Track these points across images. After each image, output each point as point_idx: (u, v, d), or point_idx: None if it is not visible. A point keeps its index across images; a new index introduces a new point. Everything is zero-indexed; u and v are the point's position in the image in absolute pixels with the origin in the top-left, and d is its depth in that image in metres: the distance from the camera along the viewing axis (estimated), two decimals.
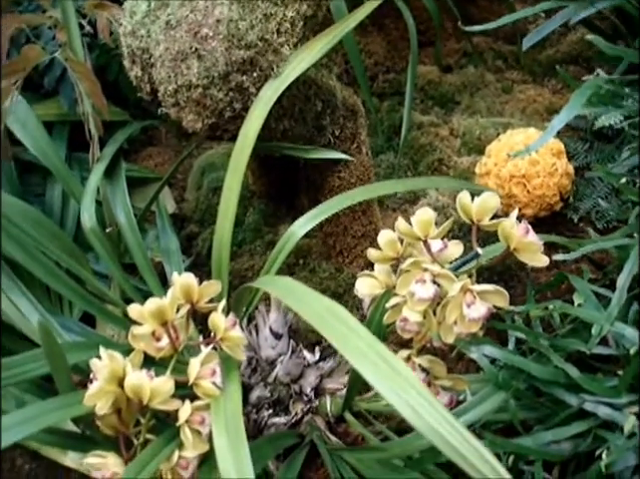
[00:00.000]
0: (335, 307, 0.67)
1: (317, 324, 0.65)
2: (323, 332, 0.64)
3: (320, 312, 0.67)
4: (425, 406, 0.58)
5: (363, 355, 0.62)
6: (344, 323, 0.65)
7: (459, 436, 0.57)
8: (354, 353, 0.62)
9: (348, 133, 1.14)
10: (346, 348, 0.62)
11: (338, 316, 0.66)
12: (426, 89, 1.64)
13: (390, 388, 0.59)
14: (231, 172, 0.93)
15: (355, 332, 0.64)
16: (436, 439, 0.57)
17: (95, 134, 1.11)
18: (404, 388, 0.59)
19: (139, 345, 0.80)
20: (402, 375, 0.60)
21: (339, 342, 0.63)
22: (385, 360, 0.61)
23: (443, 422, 0.58)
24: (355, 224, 1.23)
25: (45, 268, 0.96)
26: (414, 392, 0.59)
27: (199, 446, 0.77)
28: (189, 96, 0.93)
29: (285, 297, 0.72)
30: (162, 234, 1.23)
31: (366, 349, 0.62)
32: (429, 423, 0.58)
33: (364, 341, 0.63)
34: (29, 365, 0.85)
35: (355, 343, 0.63)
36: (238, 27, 0.90)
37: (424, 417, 0.58)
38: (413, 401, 0.59)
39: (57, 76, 1.23)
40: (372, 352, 0.62)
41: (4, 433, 0.75)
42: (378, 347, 0.62)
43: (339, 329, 0.64)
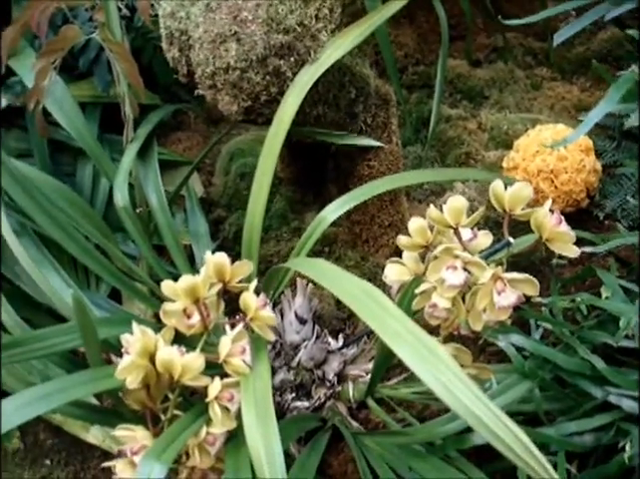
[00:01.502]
0: (371, 289, 0.68)
1: (353, 306, 0.66)
2: (359, 314, 0.65)
3: (356, 294, 0.68)
4: (461, 388, 0.59)
5: (400, 337, 0.62)
6: (380, 305, 0.66)
7: (494, 417, 0.58)
8: (391, 335, 0.63)
9: (379, 121, 1.15)
10: (383, 330, 0.63)
11: (374, 298, 0.67)
12: (455, 82, 1.64)
13: (426, 370, 0.60)
14: (265, 155, 0.94)
15: (391, 314, 0.65)
16: (471, 420, 0.58)
17: (130, 115, 1.12)
18: (440, 370, 0.60)
19: (170, 322, 0.82)
20: (438, 357, 0.61)
21: (376, 324, 0.64)
22: (422, 342, 0.62)
23: (478, 403, 0.58)
24: (382, 213, 1.24)
25: (78, 245, 0.98)
26: (450, 374, 0.60)
27: (227, 423, 0.78)
28: (227, 78, 0.93)
29: (320, 279, 0.73)
30: (192, 217, 1.25)
31: (403, 331, 0.63)
32: (465, 404, 0.58)
33: (401, 323, 0.64)
34: (60, 338, 0.87)
35: (392, 325, 0.63)
36: (278, 11, 0.90)
37: (460, 398, 0.59)
38: (449, 383, 0.59)
39: (92, 57, 1.24)
40: (409, 334, 0.63)
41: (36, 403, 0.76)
42: (414, 329, 0.63)
43: (375, 311, 0.65)
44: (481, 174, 1.20)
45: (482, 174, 1.19)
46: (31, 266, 0.92)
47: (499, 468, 0.93)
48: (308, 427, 1.00)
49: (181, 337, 0.82)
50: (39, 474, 1.19)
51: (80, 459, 1.19)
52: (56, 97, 1.13)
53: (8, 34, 1.16)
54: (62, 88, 1.14)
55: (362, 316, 0.65)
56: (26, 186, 0.97)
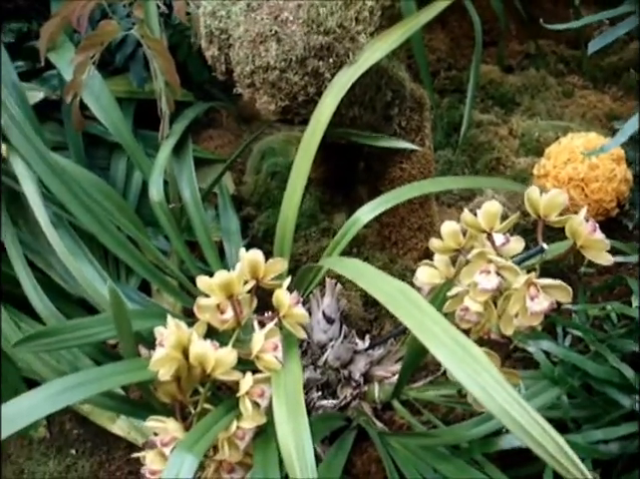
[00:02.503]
0: (408, 290, 0.68)
1: (390, 305, 0.67)
2: (396, 313, 0.66)
3: (393, 294, 0.68)
4: (497, 389, 0.60)
5: (436, 337, 0.63)
6: (417, 306, 0.66)
7: (530, 419, 0.58)
8: (428, 335, 0.63)
9: (414, 125, 1.16)
10: (420, 330, 0.63)
11: (411, 299, 0.67)
12: (487, 88, 1.65)
13: (463, 371, 0.61)
14: (301, 155, 0.95)
15: (428, 315, 0.65)
16: (507, 421, 0.58)
17: (166, 111, 1.13)
18: (477, 371, 0.60)
19: (203, 316, 0.83)
20: (475, 358, 0.62)
21: (413, 324, 0.64)
22: (458, 343, 0.63)
23: (515, 405, 0.59)
24: (412, 216, 1.24)
25: (112, 237, 0.99)
26: (487, 375, 0.60)
27: (257, 418, 0.79)
28: (266, 78, 0.94)
29: (356, 278, 0.73)
30: (224, 214, 1.26)
31: (439, 332, 0.63)
32: (501, 405, 0.59)
33: (437, 324, 0.64)
34: (94, 329, 0.88)
35: (429, 326, 0.64)
36: (318, 12, 0.91)
37: (496, 399, 0.59)
38: (485, 384, 0.60)
39: (128, 53, 1.25)
40: (445, 335, 0.63)
41: (68, 392, 0.77)
42: (451, 330, 0.64)
43: (412, 311, 0.66)
44: (513, 184, 1.19)
45: (514, 184, 1.19)
46: (67, 258, 0.94)
47: (524, 473, 0.93)
48: (335, 426, 1.00)
49: (212, 332, 0.83)
50: (64, 463, 1.20)
51: (105, 450, 1.20)
52: (93, 91, 1.15)
53: (48, 28, 1.18)
54: (99, 82, 1.16)
55: (399, 317, 0.65)
56: (64, 178, 0.98)
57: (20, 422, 0.74)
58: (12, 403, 0.75)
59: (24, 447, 1.22)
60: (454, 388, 1.04)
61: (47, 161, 0.99)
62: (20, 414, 0.74)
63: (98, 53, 1.11)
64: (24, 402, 0.75)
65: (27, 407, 0.75)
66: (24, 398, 0.76)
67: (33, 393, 0.77)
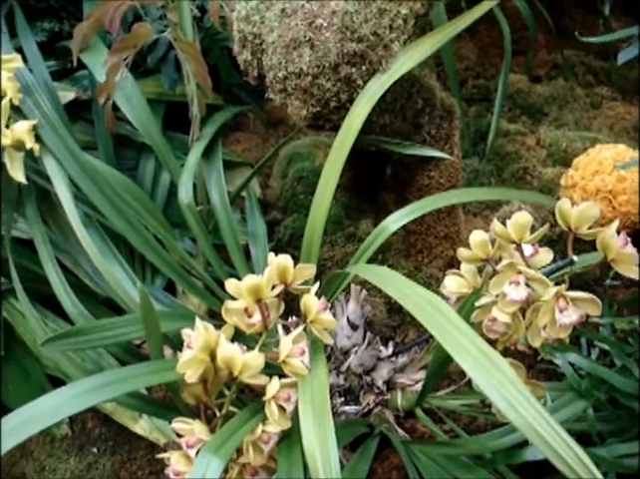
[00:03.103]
0: (436, 300, 0.69)
1: (418, 315, 0.67)
2: (424, 323, 0.66)
3: (420, 303, 0.68)
4: (522, 402, 0.60)
5: (464, 348, 0.63)
6: (444, 316, 0.67)
7: (554, 434, 0.58)
8: (455, 346, 0.63)
9: (443, 133, 1.16)
10: (447, 340, 0.64)
11: (438, 309, 0.68)
12: (514, 97, 1.65)
13: (489, 382, 0.61)
14: (331, 160, 0.95)
15: (455, 326, 0.65)
16: (531, 435, 0.58)
17: (197, 114, 1.14)
18: (503, 383, 0.61)
19: (231, 319, 0.83)
20: (501, 371, 0.62)
21: (441, 335, 0.64)
22: (485, 355, 0.63)
23: (539, 419, 0.59)
24: (439, 224, 1.24)
25: (141, 237, 1.00)
26: (512, 388, 0.60)
27: (283, 422, 0.79)
28: (298, 83, 0.95)
29: (384, 286, 0.73)
30: (251, 217, 1.26)
31: (467, 343, 0.63)
32: (525, 419, 0.59)
33: (464, 335, 0.64)
34: (123, 329, 0.89)
35: (456, 336, 0.64)
36: (353, 20, 0.92)
37: (521, 413, 0.59)
38: (510, 397, 0.60)
39: (160, 55, 1.26)
40: (472, 346, 0.63)
41: (97, 391, 0.78)
42: (478, 342, 0.64)
43: (440, 321, 0.66)
44: (542, 197, 1.19)
45: (543, 197, 1.18)
46: (98, 258, 0.94)
47: None
48: (357, 432, 1.00)
49: (239, 335, 0.84)
50: (85, 461, 1.21)
51: (126, 449, 1.21)
52: (125, 92, 1.16)
53: (81, 29, 1.19)
54: (132, 84, 1.17)
55: (427, 326, 0.65)
56: (95, 178, 0.99)
57: (46, 421, 0.75)
58: (39, 401, 0.75)
59: (46, 444, 1.23)
60: (476, 398, 1.04)
61: (79, 160, 1.00)
62: (46, 412, 0.75)
63: (131, 55, 1.11)
64: (50, 401, 0.76)
65: (53, 406, 0.76)
66: (50, 397, 0.76)
67: (60, 392, 0.77)
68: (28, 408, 0.75)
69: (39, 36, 1.41)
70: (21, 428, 0.73)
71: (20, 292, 0.97)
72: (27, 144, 0.96)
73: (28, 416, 0.74)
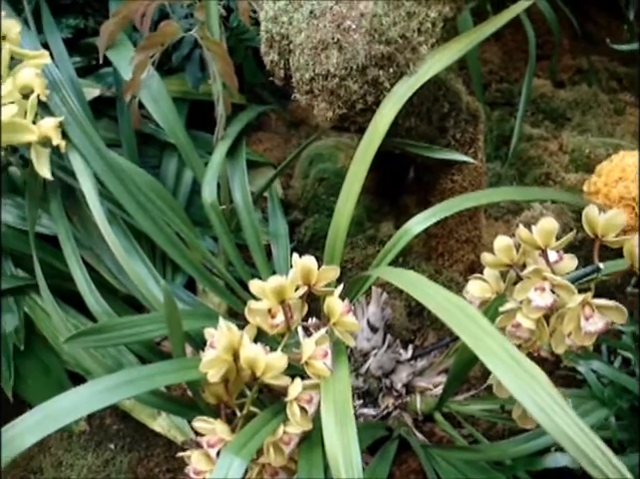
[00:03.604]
0: (464, 305, 0.68)
1: (447, 319, 0.67)
2: (453, 328, 0.66)
3: (448, 308, 0.68)
4: (554, 408, 0.59)
5: (494, 354, 0.63)
6: (474, 321, 0.66)
7: (587, 440, 0.58)
8: (485, 351, 0.63)
9: (468, 137, 1.15)
10: (477, 346, 0.63)
11: (467, 313, 0.67)
12: (538, 102, 1.64)
13: (522, 390, 0.60)
14: (357, 162, 0.95)
15: (485, 331, 0.65)
16: (564, 441, 0.58)
17: (223, 113, 1.14)
18: (535, 389, 0.60)
19: (254, 320, 0.83)
20: (533, 376, 0.61)
21: (470, 339, 0.64)
22: (516, 360, 0.62)
23: (572, 425, 0.58)
24: (461, 228, 1.24)
25: (164, 235, 1.00)
26: (544, 393, 0.60)
27: (304, 424, 0.79)
28: (325, 85, 0.95)
29: (411, 289, 0.73)
30: (273, 217, 1.27)
31: (497, 348, 0.63)
32: (558, 425, 0.58)
33: (495, 340, 0.64)
34: (146, 327, 0.89)
35: (486, 341, 0.64)
36: (381, 22, 0.91)
37: (553, 419, 0.59)
38: (542, 402, 0.60)
39: (185, 54, 1.26)
40: (503, 351, 0.63)
41: (120, 388, 0.78)
42: (509, 347, 0.63)
43: (469, 326, 0.66)
44: (567, 195, 1.19)
45: (568, 195, 1.18)
46: (121, 255, 0.95)
47: None
48: (376, 435, 1.00)
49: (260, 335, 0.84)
50: (102, 458, 1.21)
51: (144, 446, 1.21)
52: (151, 91, 1.16)
53: (108, 26, 1.19)
54: (158, 82, 1.17)
55: (456, 332, 0.65)
56: (120, 175, 1.00)
57: (68, 417, 0.75)
58: (60, 398, 0.75)
59: (63, 440, 1.23)
60: (496, 403, 1.03)
61: (104, 158, 1.00)
62: (68, 409, 0.75)
63: (158, 53, 1.12)
64: (72, 397, 0.76)
65: (75, 402, 0.76)
66: (72, 393, 0.76)
67: (81, 389, 0.77)
68: (49, 404, 0.75)
69: (64, 32, 1.42)
70: (43, 424, 0.73)
71: (43, 288, 0.97)
72: (54, 140, 0.96)
73: (49, 412, 0.75)
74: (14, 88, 0.93)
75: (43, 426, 0.73)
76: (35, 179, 1.03)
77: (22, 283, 1.18)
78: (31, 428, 0.73)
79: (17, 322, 1.16)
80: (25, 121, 0.93)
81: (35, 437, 0.73)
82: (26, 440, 0.72)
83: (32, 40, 1.10)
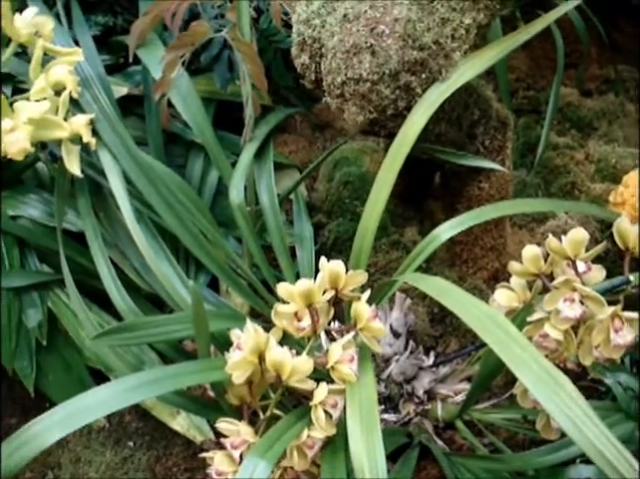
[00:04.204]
0: (495, 314, 0.68)
1: (477, 328, 0.66)
2: (484, 337, 0.65)
3: (479, 316, 0.68)
4: (584, 420, 0.59)
5: (526, 365, 0.62)
6: (504, 331, 0.66)
7: (617, 453, 0.58)
8: (515, 361, 0.63)
9: (496, 144, 1.15)
10: (507, 355, 0.63)
11: (497, 323, 0.67)
12: (564, 111, 1.63)
13: (551, 400, 0.60)
14: (386, 167, 0.95)
15: (516, 341, 0.65)
16: (593, 454, 0.58)
17: (251, 115, 1.14)
18: (565, 401, 0.60)
19: (280, 323, 0.83)
20: (564, 389, 0.61)
21: (500, 348, 0.64)
22: (546, 370, 0.62)
23: (601, 438, 0.58)
24: (486, 235, 1.24)
25: (191, 235, 1.01)
26: (575, 406, 0.60)
27: (328, 428, 0.79)
28: (356, 89, 0.95)
29: (440, 297, 0.73)
30: (298, 220, 1.27)
31: (527, 358, 0.63)
32: (587, 437, 0.58)
33: (525, 350, 0.64)
34: (172, 326, 0.90)
35: (517, 352, 0.64)
36: (415, 28, 0.91)
37: (583, 431, 0.59)
38: (573, 415, 0.59)
39: (214, 54, 1.26)
40: (533, 361, 0.63)
41: (145, 387, 0.78)
42: (538, 357, 0.63)
43: (500, 336, 0.65)
44: (596, 209, 1.18)
45: (599, 210, 1.17)
46: (148, 253, 0.95)
47: None
48: (398, 442, 1.00)
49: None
50: (121, 455, 1.21)
51: (163, 445, 1.21)
52: (181, 90, 1.16)
53: (138, 25, 1.20)
54: (187, 82, 1.17)
55: (486, 340, 0.65)
56: (149, 174, 1.00)
57: (92, 415, 0.76)
58: (85, 395, 0.76)
59: (82, 436, 1.23)
60: (518, 413, 1.03)
61: (134, 156, 1.00)
62: (92, 407, 0.75)
63: (188, 53, 1.12)
64: (97, 395, 0.77)
65: (100, 400, 0.76)
66: (97, 391, 0.77)
67: (107, 387, 0.78)
68: (74, 402, 0.75)
69: (92, 30, 1.42)
70: (67, 421, 0.74)
71: (70, 285, 0.98)
72: (84, 137, 0.96)
73: (74, 409, 0.75)
74: (47, 84, 0.93)
75: (68, 423, 0.74)
76: (63, 175, 1.03)
77: (46, 279, 1.18)
78: (55, 425, 0.74)
79: (40, 317, 1.16)
80: (57, 117, 0.93)
81: (59, 434, 0.73)
82: (50, 437, 0.73)
83: (64, 37, 1.10)
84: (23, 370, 1.16)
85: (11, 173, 1.18)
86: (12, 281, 1.15)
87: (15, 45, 0.97)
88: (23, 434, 0.73)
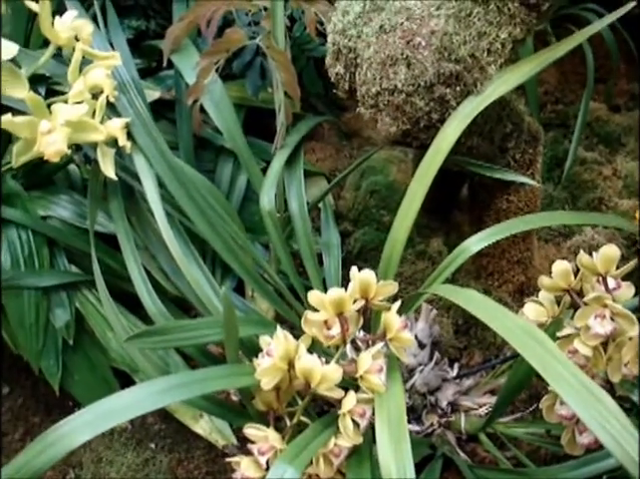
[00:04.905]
0: (532, 329, 0.68)
1: (514, 342, 0.66)
2: (521, 351, 0.65)
3: (515, 331, 0.68)
4: (626, 437, 0.59)
5: (565, 380, 0.62)
6: (542, 346, 0.66)
7: None
8: (555, 377, 0.63)
9: (527, 158, 1.15)
10: (546, 370, 0.63)
11: (535, 337, 0.67)
12: (592, 126, 1.63)
13: (592, 416, 0.60)
14: (418, 179, 0.95)
15: (554, 356, 0.65)
16: (633, 468, 0.58)
17: (284, 122, 1.15)
18: (606, 417, 0.60)
19: (310, 330, 0.83)
20: (604, 404, 0.61)
21: (539, 364, 0.64)
22: (586, 387, 0.62)
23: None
24: (513, 248, 1.24)
25: (222, 240, 1.01)
26: (615, 422, 0.60)
27: (355, 437, 0.79)
28: (391, 100, 0.95)
29: (475, 310, 0.73)
30: (325, 227, 1.27)
31: (567, 374, 0.63)
32: (628, 453, 0.58)
33: (564, 366, 0.64)
34: (202, 331, 0.90)
35: (556, 367, 0.63)
36: (452, 41, 0.92)
37: (624, 447, 0.59)
38: (614, 431, 0.59)
39: (246, 61, 1.26)
40: (573, 378, 0.63)
41: (174, 390, 0.79)
42: (577, 372, 0.63)
43: (537, 350, 0.65)
44: (624, 222, 1.17)
45: (625, 222, 1.16)
46: (180, 257, 0.95)
47: None
48: (422, 453, 1.00)
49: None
50: (142, 456, 1.22)
51: (185, 448, 1.22)
52: (213, 96, 1.17)
53: (173, 30, 1.20)
54: (220, 88, 1.18)
55: (524, 355, 0.65)
56: (182, 179, 1.01)
57: (120, 417, 0.76)
58: (114, 397, 0.76)
59: (104, 436, 1.24)
60: (542, 427, 1.03)
61: (167, 160, 1.01)
62: (121, 409, 0.75)
63: (222, 59, 1.13)
64: (126, 397, 0.77)
65: (128, 403, 0.76)
66: (126, 393, 0.77)
67: (135, 389, 0.78)
68: (103, 403, 0.75)
69: (126, 33, 1.43)
70: (96, 423, 0.74)
71: (101, 286, 0.98)
72: (120, 141, 0.97)
73: (103, 411, 0.75)
74: (84, 87, 0.94)
75: (96, 425, 0.74)
76: (97, 178, 1.04)
77: (74, 279, 1.19)
78: (84, 426, 0.73)
79: (68, 317, 1.17)
80: (93, 120, 0.94)
81: (88, 435, 0.73)
82: (78, 438, 0.72)
83: (102, 40, 1.11)
84: (49, 369, 1.17)
85: (43, 173, 1.20)
86: (41, 281, 1.16)
87: (54, 47, 0.98)
88: (50, 435, 0.73)
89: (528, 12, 0.96)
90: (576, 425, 0.86)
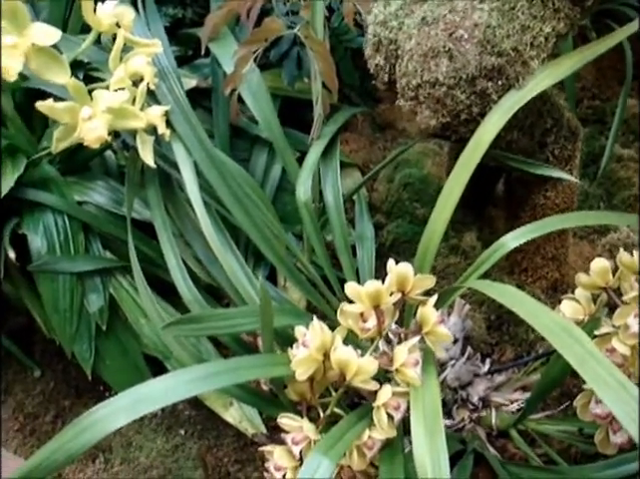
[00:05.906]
0: (571, 327, 0.68)
1: (552, 340, 0.66)
2: (559, 348, 0.65)
3: (553, 328, 0.68)
4: None
5: (602, 379, 0.62)
6: (579, 343, 0.66)
7: None
8: (592, 375, 0.62)
9: (566, 154, 1.14)
10: (584, 369, 0.63)
11: (572, 335, 0.67)
12: (629, 122, 1.61)
13: (629, 416, 0.60)
14: (457, 172, 0.95)
15: (592, 355, 0.64)
16: None
17: (321, 113, 1.15)
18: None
19: (346, 322, 0.83)
20: None
21: (576, 362, 0.63)
22: (624, 387, 0.62)
23: None
24: (548, 244, 1.23)
25: (258, 230, 1.01)
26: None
27: (389, 430, 0.79)
28: (431, 93, 0.95)
29: (513, 306, 0.73)
30: (359, 219, 1.27)
31: (604, 373, 0.62)
32: None
33: (601, 365, 0.63)
34: (238, 320, 0.90)
35: (594, 366, 0.63)
36: (495, 34, 0.91)
37: None
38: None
39: (283, 51, 1.26)
40: (610, 377, 0.62)
41: (209, 378, 0.79)
42: (615, 372, 0.63)
43: (575, 348, 0.65)
44: None
45: None
46: (217, 246, 0.96)
47: None
48: (455, 448, 0.99)
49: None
50: (172, 442, 1.23)
51: (214, 435, 1.22)
52: (251, 85, 1.17)
53: (212, 18, 1.21)
54: (258, 77, 1.18)
55: (562, 352, 0.65)
56: (220, 168, 1.01)
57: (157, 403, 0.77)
58: (151, 383, 0.77)
59: (135, 421, 1.23)
60: (574, 425, 1.02)
61: (206, 149, 1.01)
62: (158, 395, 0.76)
63: (260, 48, 1.13)
64: (163, 383, 0.77)
65: (165, 389, 0.77)
66: (163, 379, 0.77)
67: (172, 376, 0.79)
68: (139, 389, 0.76)
69: (163, 21, 1.44)
70: (130, 408, 0.74)
71: (137, 273, 0.99)
72: (159, 128, 0.97)
73: (139, 396, 0.76)
74: (125, 75, 0.94)
75: (132, 409, 0.74)
76: (134, 165, 1.05)
77: (109, 265, 1.19)
78: (121, 411, 0.74)
79: (102, 303, 1.17)
80: (134, 107, 0.95)
81: (124, 420, 0.74)
82: (115, 422, 0.73)
83: (142, 27, 1.11)
84: (82, 354, 1.18)
85: (80, 159, 1.20)
86: (76, 266, 1.16)
87: (95, 33, 0.99)
88: (85, 419, 0.73)
89: (572, 7, 0.96)
90: (611, 424, 0.85)
